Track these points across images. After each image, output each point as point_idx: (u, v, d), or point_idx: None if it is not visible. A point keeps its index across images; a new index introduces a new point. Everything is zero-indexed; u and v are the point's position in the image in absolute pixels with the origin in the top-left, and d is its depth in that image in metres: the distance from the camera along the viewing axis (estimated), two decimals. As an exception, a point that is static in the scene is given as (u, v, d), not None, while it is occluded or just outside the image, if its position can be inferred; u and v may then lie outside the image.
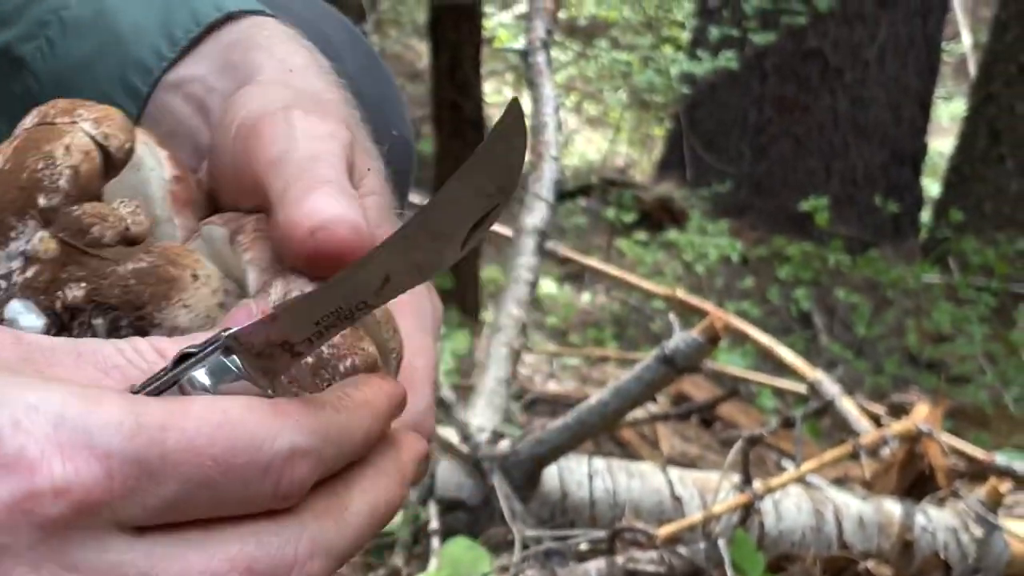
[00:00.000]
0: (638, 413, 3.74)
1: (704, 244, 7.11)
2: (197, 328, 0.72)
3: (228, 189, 0.79)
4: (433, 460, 2.69)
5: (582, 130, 10.08)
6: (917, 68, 7.95)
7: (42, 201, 0.71)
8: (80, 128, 0.73)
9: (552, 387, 4.74)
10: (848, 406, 3.22)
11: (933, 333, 6.85)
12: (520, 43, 3.03)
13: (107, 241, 0.72)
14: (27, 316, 0.70)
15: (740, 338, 5.05)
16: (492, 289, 6.12)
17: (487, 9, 8.26)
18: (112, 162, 0.74)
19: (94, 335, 0.70)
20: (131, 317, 0.70)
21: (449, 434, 2.74)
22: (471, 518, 2.66)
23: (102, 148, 0.73)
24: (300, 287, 0.70)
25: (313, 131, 0.77)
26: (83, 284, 0.70)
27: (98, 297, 0.70)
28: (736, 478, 2.69)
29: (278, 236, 0.71)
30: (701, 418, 4.55)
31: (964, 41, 11.52)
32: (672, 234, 7.29)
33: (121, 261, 0.71)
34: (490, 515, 2.64)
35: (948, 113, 11.89)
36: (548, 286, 6.62)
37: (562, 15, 3.77)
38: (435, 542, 2.55)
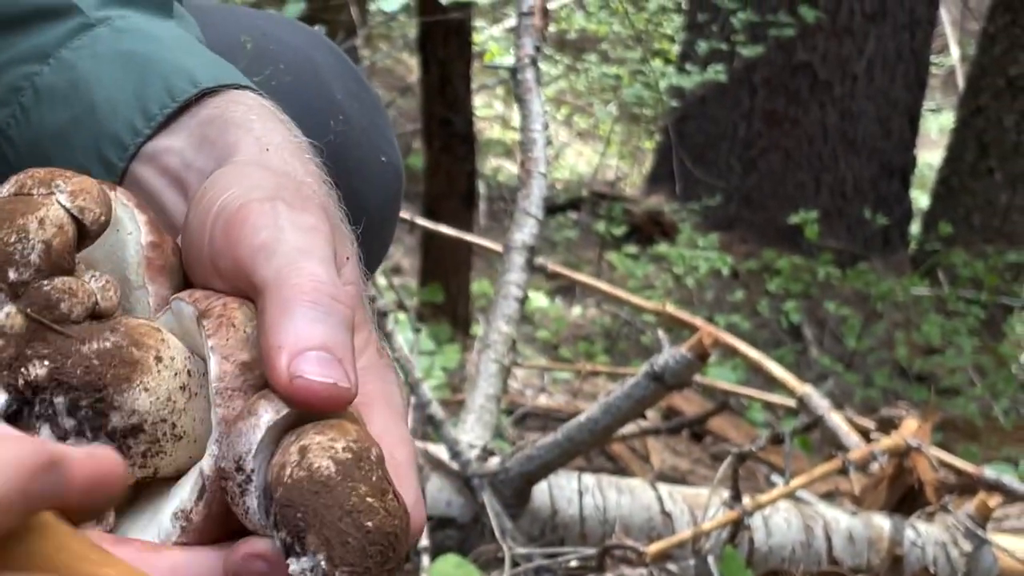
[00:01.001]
0: (629, 427, 3.74)
1: (694, 257, 7.12)
2: (158, 412, 0.72)
3: (201, 269, 0.79)
4: (424, 476, 2.69)
5: (572, 143, 10.10)
6: (906, 81, 7.98)
7: (12, 275, 0.71)
8: (56, 201, 0.73)
9: (543, 401, 4.74)
10: (837, 421, 3.23)
11: (923, 345, 6.86)
12: (509, 59, 3.03)
13: (75, 317, 0.72)
14: None
15: (730, 352, 5.05)
16: (483, 303, 6.13)
17: (477, 23, 8.28)
18: (86, 233, 0.74)
19: (54, 414, 0.71)
20: (91, 399, 0.71)
21: (439, 451, 2.74)
22: (461, 535, 2.66)
23: (77, 221, 0.74)
24: (265, 411, 0.70)
25: (299, 222, 0.76)
26: (46, 362, 0.70)
27: (60, 376, 0.70)
28: (726, 494, 2.69)
29: (262, 346, 0.71)
30: (692, 432, 4.56)
31: (952, 54, 11.57)
32: (662, 247, 7.30)
33: (86, 339, 0.71)
34: (480, 532, 2.64)
35: (937, 126, 11.93)
36: (538, 300, 6.62)
37: (552, 29, 3.78)
38: (425, 560, 2.55)
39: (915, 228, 8.45)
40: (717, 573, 2.38)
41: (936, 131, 11.72)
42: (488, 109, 10.00)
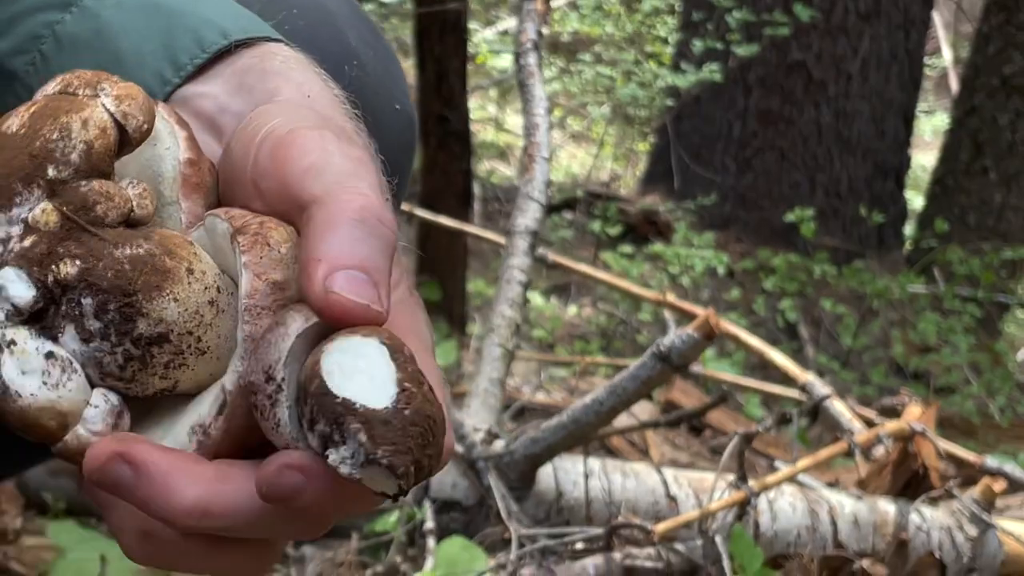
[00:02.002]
0: (628, 421, 3.73)
1: (690, 256, 7.11)
2: (185, 324, 0.72)
3: (242, 191, 0.78)
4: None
5: (566, 145, 10.10)
6: (900, 81, 7.98)
7: (51, 172, 0.71)
8: (101, 103, 0.73)
9: (540, 397, 4.73)
10: (840, 408, 3.22)
11: (919, 344, 6.86)
12: (508, 61, 3.03)
13: (110, 221, 0.71)
14: (17, 285, 0.70)
15: (730, 342, 5.04)
16: (478, 302, 6.12)
17: (471, 26, 8.28)
18: (127, 141, 0.74)
19: (81, 315, 0.70)
20: (119, 303, 0.70)
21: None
22: (466, 518, 2.65)
23: (119, 127, 0.73)
24: (294, 320, 0.69)
25: (347, 152, 0.76)
26: (78, 262, 0.70)
27: (90, 277, 0.70)
28: (731, 478, 2.68)
29: (301, 257, 0.71)
30: (691, 426, 4.55)
31: (945, 56, 11.59)
32: (658, 247, 7.29)
33: (119, 244, 0.71)
34: (485, 515, 2.63)
35: (930, 127, 11.95)
36: (535, 298, 6.62)
37: (545, 31, 3.77)
38: (431, 542, 2.54)
39: (910, 229, 8.45)
40: (724, 552, 2.37)
41: (930, 133, 11.74)
42: (482, 111, 9.99)
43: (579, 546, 2.55)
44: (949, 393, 6.32)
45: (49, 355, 0.70)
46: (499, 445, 2.66)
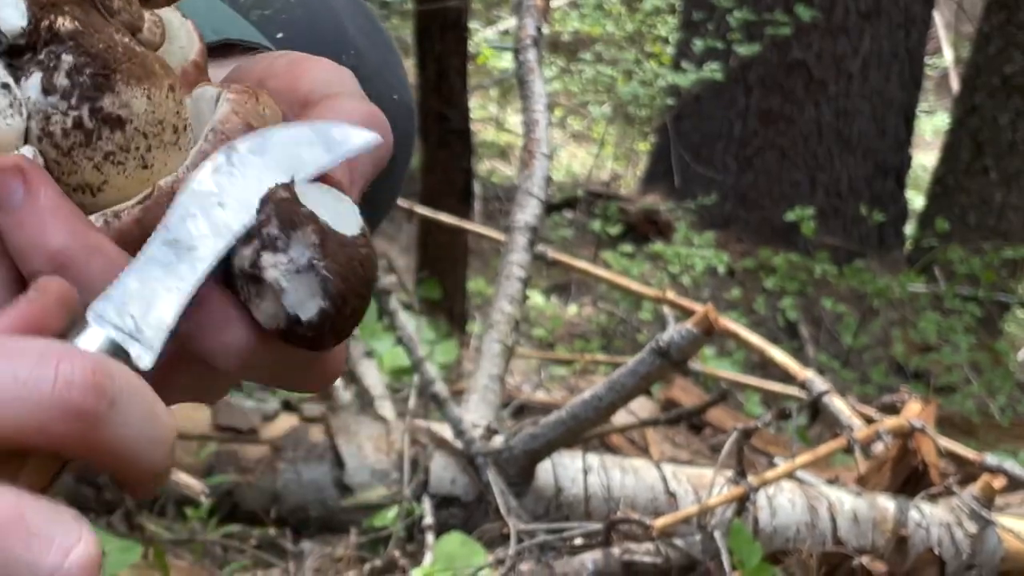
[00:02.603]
0: (628, 419, 3.74)
1: (690, 255, 7.11)
2: (145, 126, 0.70)
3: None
4: (428, 455, 2.68)
5: (567, 145, 10.10)
6: (901, 80, 7.98)
7: None
8: None
9: (540, 396, 4.73)
10: (840, 405, 3.22)
11: (919, 343, 6.86)
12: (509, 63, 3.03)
13: (118, 19, 0.70)
14: (10, 9, 0.68)
15: (730, 341, 5.03)
16: (478, 301, 6.12)
17: (472, 25, 8.28)
18: None
19: (55, 68, 0.68)
20: (97, 71, 0.68)
21: (443, 430, 2.73)
22: (465, 514, 2.65)
23: None
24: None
25: (361, 91, 0.77)
26: (77, 22, 0.68)
27: (82, 39, 0.68)
28: (730, 473, 2.68)
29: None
30: (690, 424, 4.56)
31: (946, 55, 11.59)
32: (658, 246, 7.29)
33: (120, 31, 0.70)
34: (484, 511, 2.63)
35: (931, 127, 11.95)
36: (535, 298, 6.61)
37: (546, 30, 3.76)
38: (429, 537, 2.54)
39: (910, 228, 8.45)
40: (723, 548, 2.36)
41: (930, 133, 11.74)
42: (483, 111, 9.99)
43: (578, 541, 2.55)
44: (949, 392, 6.32)
45: (5, 86, 0.67)
46: (498, 441, 2.66)
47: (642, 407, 4.28)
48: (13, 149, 0.68)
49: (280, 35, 0.97)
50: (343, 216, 0.66)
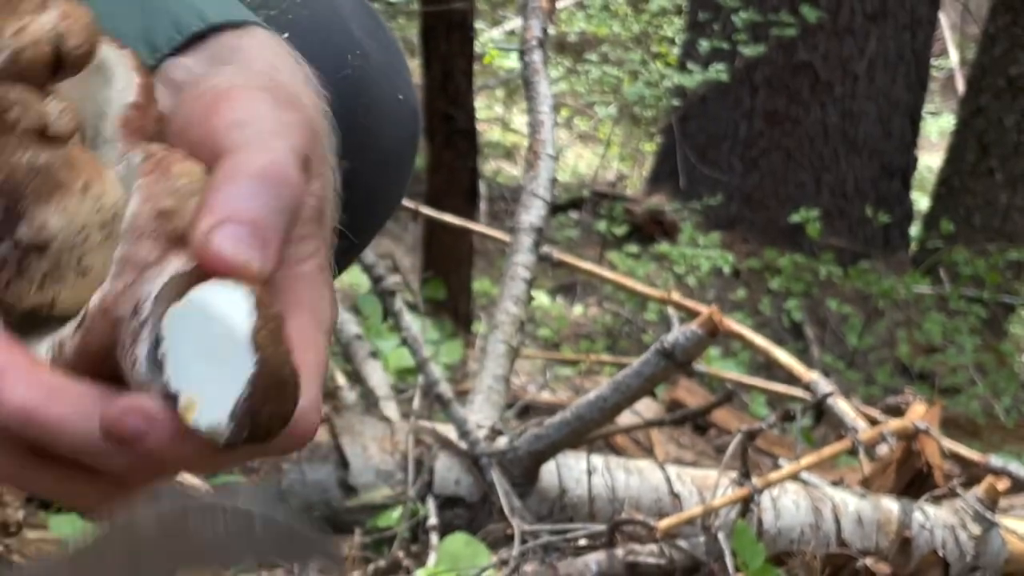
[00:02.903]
0: (633, 419, 3.73)
1: (696, 256, 7.11)
2: (69, 238, 0.70)
3: (174, 141, 0.78)
4: (432, 456, 2.68)
5: (573, 145, 10.10)
6: (907, 82, 7.98)
7: None
8: (41, 17, 0.71)
9: (545, 396, 4.73)
10: (844, 406, 3.22)
11: (924, 344, 6.86)
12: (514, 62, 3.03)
13: (21, 128, 0.70)
14: None
15: (735, 343, 5.03)
16: (483, 302, 6.12)
17: (478, 25, 8.28)
18: (64, 62, 0.72)
19: None
20: (4, 203, 0.69)
21: (447, 431, 2.73)
22: (470, 515, 2.66)
23: (56, 45, 0.71)
24: (175, 261, 0.69)
25: (282, 116, 0.76)
26: None
27: None
28: (734, 475, 2.68)
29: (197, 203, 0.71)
30: (695, 425, 4.55)
31: (951, 57, 11.58)
32: (664, 246, 7.29)
33: (23, 149, 0.70)
34: (488, 511, 2.63)
35: (937, 128, 11.94)
36: (540, 298, 6.61)
37: (552, 30, 3.76)
38: (433, 538, 2.55)
39: (916, 229, 8.44)
40: (727, 549, 2.37)
41: (936, 134, 11.73)
42: (488, 111, 9.99)
43: (582, 542, 2.55)
44: (954, 394, 6.31)
45: None
46: (502, 442, 2.67)
47: (647, 408, 4.28)
48: None
49: (285, 36, 0.97)
50: (233, 317, 0.66)
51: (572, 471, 2.76)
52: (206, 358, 0.65)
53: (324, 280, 0.80)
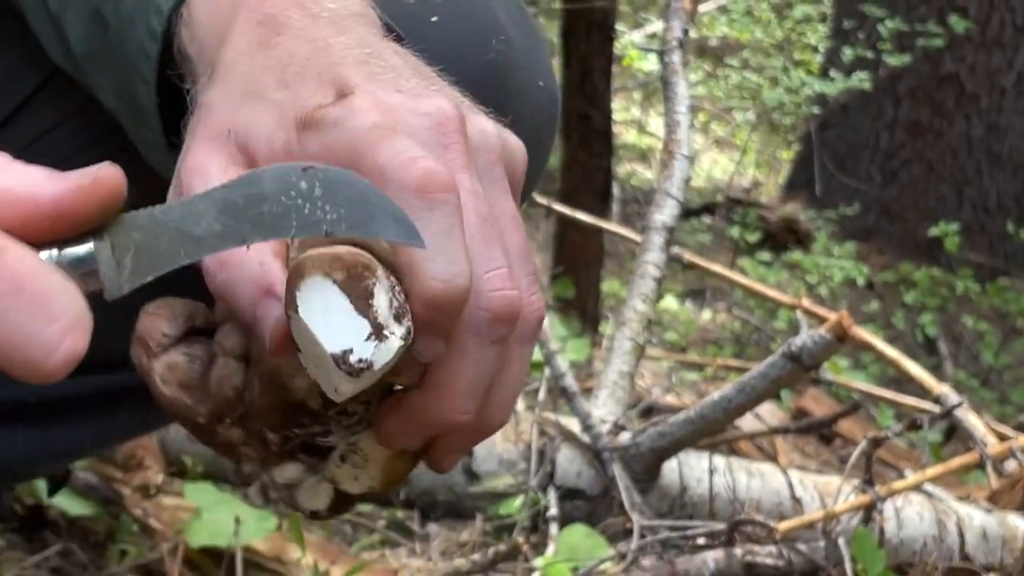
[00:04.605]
0: (758, 426, 3.72)
1: (829, 266, 7.03)
2: None
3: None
4: (555, 447, 2.71)
5: (709, 150, 10.05)
6: (1056, 97, 7.80)
7: None
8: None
9: (670, 399, 4.72)
10: (974, 420, 3.16)
11: (1063, 365, 6.70)
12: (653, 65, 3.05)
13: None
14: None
15: (865, 355, 4.95)
16: (612, 303, 6.13)
17: (618, 28, 8.29)
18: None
19: None
20: None
21: (571, 423, 2.76)
22: (589, 507, 2.68)
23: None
24: None
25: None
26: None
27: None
28: (857, 482, 2.66)
29: None
30: (820, 434, 4.51)
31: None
32: (796, 255, 7.22)
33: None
34: (608, 505, 2.64)
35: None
36: (669, 302, 6.60)
37: (693, 33, 3.75)
38: (553, 528, 2.57)
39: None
40: (847, 555, 2.35)
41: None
42: (625, 113, 9.99)
43: (700, 540, 2.56)
44: (1093, 417, 6.15)
45: None
46: (625, 437, 2.68)
47: (772, 415, 4.25)
48: None
49: (435, 19, 1.00)
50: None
51: (694, 470, 2.76)
52: None
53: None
